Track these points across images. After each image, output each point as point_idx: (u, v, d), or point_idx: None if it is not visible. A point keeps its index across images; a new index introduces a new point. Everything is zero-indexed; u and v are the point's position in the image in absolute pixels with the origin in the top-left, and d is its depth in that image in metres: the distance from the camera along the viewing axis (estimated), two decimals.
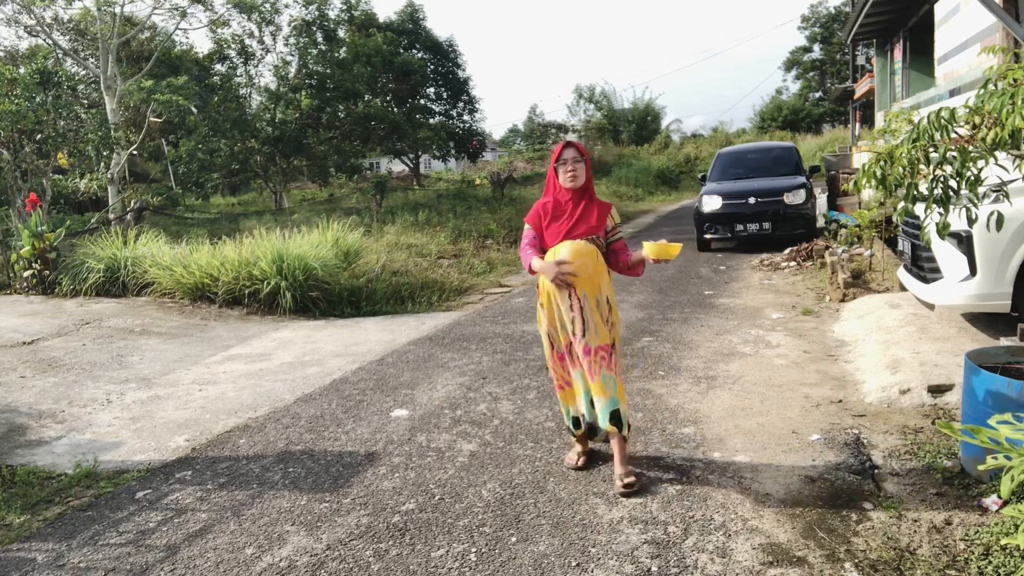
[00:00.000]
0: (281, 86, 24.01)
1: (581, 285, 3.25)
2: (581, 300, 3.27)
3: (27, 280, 8.91)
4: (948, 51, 9.59)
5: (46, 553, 3.06)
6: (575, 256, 3.23)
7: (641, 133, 39.69)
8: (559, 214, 3.38)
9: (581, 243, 3.28)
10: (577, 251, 3.24)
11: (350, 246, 9.31)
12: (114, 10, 15.69)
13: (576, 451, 3.58)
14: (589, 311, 3.27)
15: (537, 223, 3.42)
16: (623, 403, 3.33)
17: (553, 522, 3.02)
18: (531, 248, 3.39)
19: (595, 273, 3.27)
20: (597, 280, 3.29)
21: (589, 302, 3.27)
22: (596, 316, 3.28)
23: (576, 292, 3.26)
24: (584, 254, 3.26)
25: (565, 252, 3.24)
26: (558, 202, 3.40)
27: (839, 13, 41.56)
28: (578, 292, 3.26)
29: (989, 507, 2.84)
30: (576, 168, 3.35)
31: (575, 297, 3.26)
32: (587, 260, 3.25)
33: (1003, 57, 2.92)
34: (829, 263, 8.05)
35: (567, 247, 3.26)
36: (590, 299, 3.27)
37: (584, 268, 3.24)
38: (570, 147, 3.40)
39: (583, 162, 3.38)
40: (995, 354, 3.26)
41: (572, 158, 3.36)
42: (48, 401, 5.04)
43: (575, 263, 3.22)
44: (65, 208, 15.40)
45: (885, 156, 2.79)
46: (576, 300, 3.27)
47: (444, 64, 33.35)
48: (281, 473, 3.74)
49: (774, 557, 2.65)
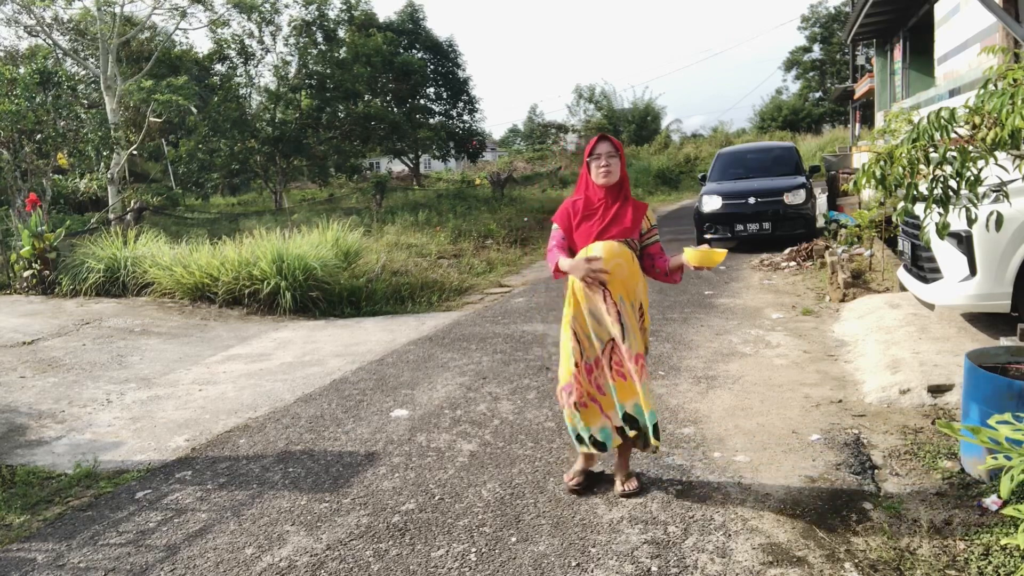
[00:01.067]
0: (281, 86, 24.01)
1: (616, 287, 3.03)
2: (617, 303, 3.03)
3: (27, 280, 8.91)
4: (948, 51, 9.59)
5: (46, 553, 3.06)
6: (609, 255, 3.01)
7: (641, 133, 39.72)
8: (590, 213, 3.13)
9: (615, 244, 3.05)
10: (611, 251, 3.02)
11: (350, 246, 9.32)
12: (114, 10, 15.69)
13: (576, 469, 3.32)
14: (626, 315, 3.04)
15: (566, 222, 3.18)
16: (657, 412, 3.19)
17: (553, 522, 3.02)
18: (559, 249, 3.14)
19: (630, 276, 3.06)
20: (632, 284, 3.07)
21: (625, 306, 3.04)
22: (632, 321, 3.05)
23: (612, 294, 3.03)
24: (618, 255, 3.03)
25: (597, 250, 3.03)
26: (590, 200, 3.16)
27: (839, 13, 41.57)
28: (613, 295, 3.03)
29: (989, 507, 2.84)
30: (610, 163, 3.10)
31: (611, 299, 3.03)
32: (622, 261, 3.03)
33: (1003, 57, 2.92)
34: (829, 263, 8.05)
35: (599, 246, 3.04)
36: (625, 302, 3.04)
37: (619, 269, 3.02)
38: (604, 140, 3.15)
39: (618, 157, 3.13)
40: (995, 354, 3.26)
41: (606, 152, 3.11)
42: (48, 401, 5.04)
43: (609, 262, 3.00)
44: (65, 208, 15.41)
45: (885, 156, 2.79)
46: (612, 304, 3.03)
47: (444, 64, 33.35)
48: (281, 473, 3.74)
49: (774, 557, 2.65)
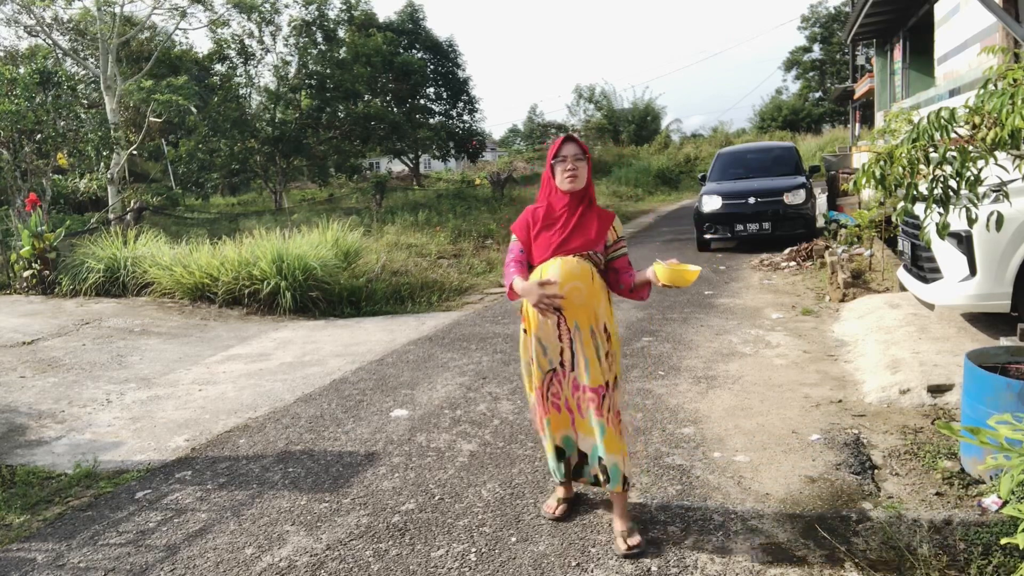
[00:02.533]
0: (281, 86, 24.01)
1: (572, 313, 2.74)
2: (572, 331, 2.75)
3: (27, 280, 8.91)
4: (948, 51, 9.59)
5: (46, 553, 3.06)
6: (566, 277, 2.71)
7: (641, 133, 39.70)
8: (551, 223, 2.84)
9: (574, 261, 2.74)
10: (569, 271, 2.72)
11: (350, 246, 9.31)
12: (114, 10, 15.68)
13: (557, 496, 3.08)
14: (581, 345, 2.75)
15: (525, 233, 2.88)
16: (618, 455, 2.80)
17: (553, 522, 3.02)
18: (515, 264, 2.83)
19: (590, 298, 2.75)
20: (592, 306, 2.76)
21: (582, 334, 2.75)
22: (590, 350, 2.75)
23: (566, 321, 2.74)
24: (577, 275, 2.73)
25: (553, 271, 2.72)
26: (552, 208, 2.86)
27: (839, 13, 41.57)
28: (568, 322, 2.74)
29: (989, 507, 2.84)
30: (577, 167, 2.82)
31: (564, 327, 2.75)
32: (580, 283, 2.73)
33: (1003, 57, 2.92)
34: (829, 263, 8.05)
35: (556, 265, 2.73)
36: (583, 330, 2.75)
37: (576, 293, 2.72)
38: (571, 142, 2.87)
39: (585, 160, 2.86)
40: (995, 354, 3.26)
41: (573, 155, 2.82)
42: (48, 401, 5.04)
43: (565, 285, 2.70)
44: (65, 208, 15.41)
45: (885, 156, 2.79)
46: (566, 330, 2.76)
47: (444, 64, 33.35)
48: (281, 473, 3.74)
49: (774, 557, 2.65)
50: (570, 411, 2.87)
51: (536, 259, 2.83)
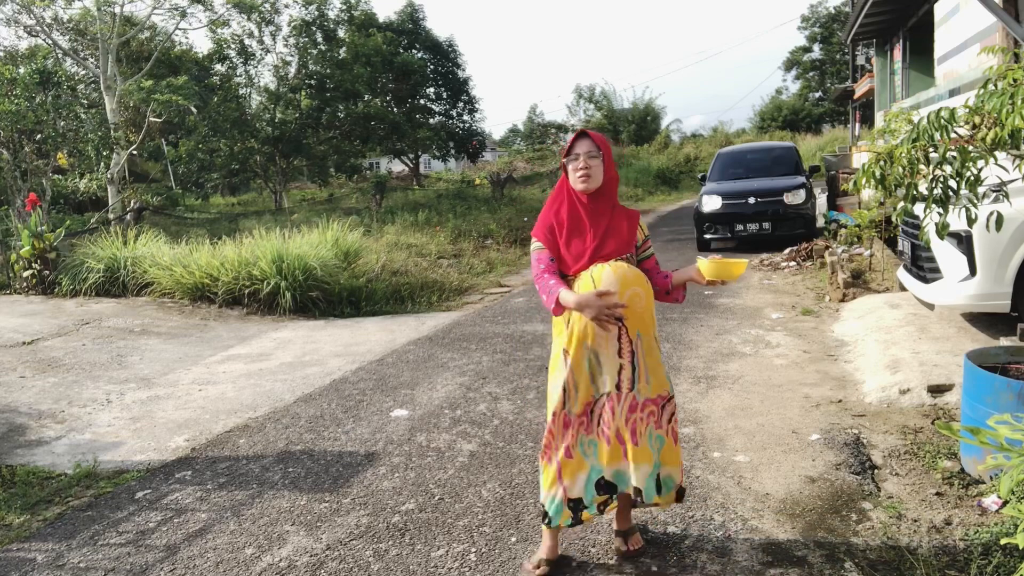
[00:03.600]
0: (281, 86, 24.01)
1: (634, 322, 2.51)
2: (634, 342, 2.53)
3: (27, 280, 8.91)
4: (948, 51, 9.59)
5: (46, 553, 3.06)
6: (623, 283, 2.46)
7: (641, 133, 39.70)
8: (578, 227, 2.60)
9: (624, 266, 2.52)
10: (624, 277, 2.47)
11: (350, 246, 9.31)
12: (114, 10, 15.67)
13: (540, 557, 2.67)
14: (644, 354, 2.56)
15: (552, 240, 2.61)
16: (677, 467, 2.64)
17: None
18: (552, 276, 2.55)
19: (649, 303, 2.55)
20: (651, 311, 2.57)
21: (644, 342, 2.55)
22: (652, 359, 2.58)
23: (628, 332, 2.52)
24: (633, 280, 2.49)
25: (609, 279, 2.46)
26: (575, 211, 2.62)
27: (839, 13, 41.58)
28: (630, 332, 2.52)
29: (989, 507, 2.84)
30: (591, 165, 2.57)
31: (625, 339, 2.52)
32: (638, 288, 2.50)
33: (1003, 57, 2.92)
34: (829, 263, 8.05)
35: (608, 272, 2.48)
36: (645, 338, 2.55)
37: (637, 299, 2.49)
38: (584, 138, 2.63)
39: (600, 157, 2.60)
40: (995, 354, 3.26)
41: (586, 152, 2.58)
42: (48, 401, 5.04)
43: (624, 292, 2.45)
44: (65, 208, 15.42)
45: (885, 156, 2.79)
46: (628, 342, 2.53)
47: (444, 64, 33.35)
48: (281, 473, 3.74)
49: (774, 557, 2.65)
50: (621, 441, 2.57)
51: (571, 267, 2.57)
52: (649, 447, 2.57)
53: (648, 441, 2.57)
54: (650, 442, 2.57)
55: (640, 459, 2.55)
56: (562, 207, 2.65)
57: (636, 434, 2.55)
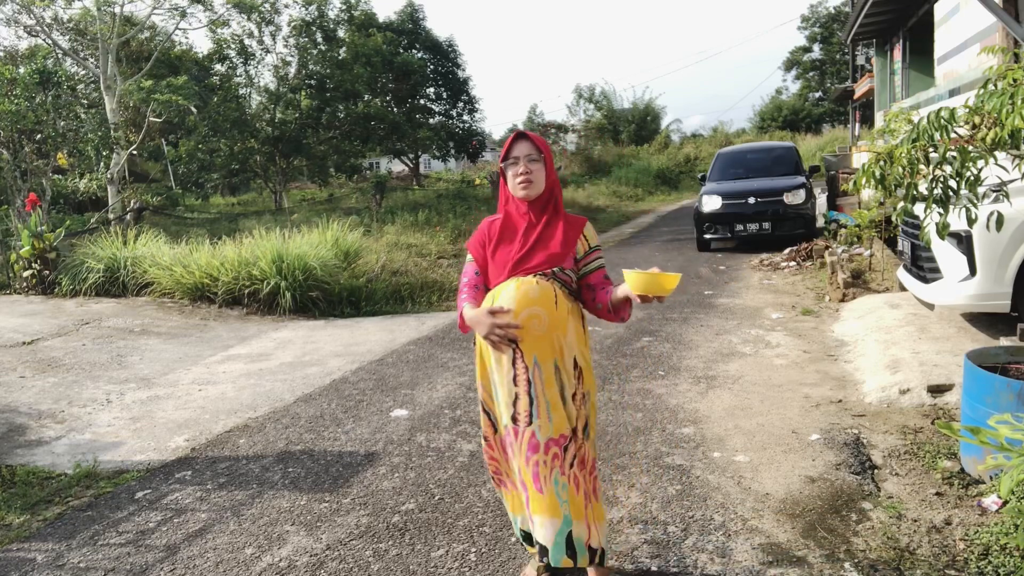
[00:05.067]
0: (281, 86, 24.00)
1: (530, 346, 2.23)
2: (530, 368, 2.23)
3: (27, 280, 8.91)
4: (948, 51, 9.59)
5: (46, 553, 3.06)
6: (522, 302, 2.21)
7: (641, 133, 39.69)
8: (509, 236, 2.36)
9: (532, 282, 2.25)
10: (525, 295, 2.22)
11: (350, 246, 9.31)
12: (114, 10, 15.67)
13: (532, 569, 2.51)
14: (542, 385, 2.23)
15: (481, 251, 2.41)
16: (583, 522, 2.29)
17: None
18: (468, 289, 2.37)
19: (553, 326, 2.24)
20: (556, 337, 2.25)
21: (543, 371, 2.23)
22: (552, 391, 2.24)
23: (523, 357, 2.23)
24: (535, 299, 2.22)
25: (508, 296, 2.23)
26: (510, 219, 2.39)
27: (839, 13, 41.58)
28: (526, 357, 2.23)
29: (989, 507, 2.84)
30: (532, 170, 2.31)
31: (521, 364, 2.23)
32: (539, 309, 2.22)
33: (1003, 57, 2.92)
34: (829, 263, 8.05)
35: (511, 288, 2.24)
36: (544, 366, 2.23)
37: (535, 321, 2.21)
38: (523, 140, 2.36)
39: (542, 160, 2.34)
40: (995, 354, 3.26)
41: (525, 155, 2.32)
42: (48, 401, 5.04)
43: (521, 312, 2.20)
44: (65, 208, 15.41)
45: (885, 156, 2.79)
46: (523, 368, 2.23)
47: (444, 64, 33.32)
48: (281, 473, 3.74)
49: (774, 557, 2.65)
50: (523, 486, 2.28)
51: (492, 280, 2.35)
52: (556, 496, 2.23)
53: (554, 489, 2.24)
54: (556, 490, 2.24)
55: (542, 510, 2.23)
56: (499, 216, 2.43)
57: (539, 478, 2.23)
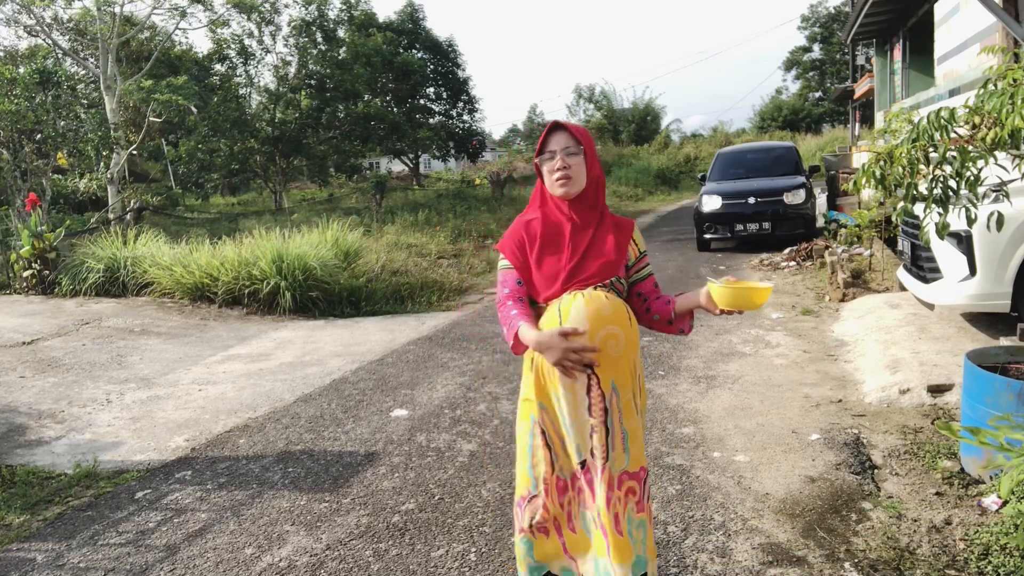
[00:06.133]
0: (281, 86, 24.02)
1: (608, 371, 1.93)
2: (607, 397, 1.94)
3: (27, 280, 8.91)
4: (948, 51, 9.59)
5: (46, 553, 3.06)
6: (596, 320, 1.90)
7: (641, 133, 39.70)
8: (554, 241, 2.05)
9: (601, 296, 1.94)
10: (599, 313, 1.91)
11: (350, 246, 9.32)
12: (114, 10, 15.67)
13: None
14: (619, 413, 1.95)
15: (521, 258, 2.06)
16: (653, 561, 2.06)
17: None
18: (516, 304, 2.01)
19: (628, 347, 1.96)
20: (631, 358, 1.99)
21: (621, 398, 1.95)
22: (632, 421, 1.98)
23: (600, 383, 1.93)
24: (611, 317, 1.92)
25: (579, 314, 1.90)
26: (550, 222, 2.08)
27: (839, 13, 41.57)
28: (603, 383, 1.93)
29: (989, 507, 2.84)
30: (571, 164, 2.02)
31: (596, 391, 1.93)
32: (616, 328, 1.92)
33: (1003, 57, 2.92)
34: (829, 263, 8.05)
35: (580, 304, 1.91)
36: (623, 391, 1.96)
37: (613, 342, 1.92)
38: (560, 131, 2.07)
39: (581, 154, 2.04)
40: (995, 354, 3.26)
41: (563, 148, 2.03)
42: (48, 401, 5.04)
43: (597, 333, 1.90)
44: (65, 208, 15.40)
45: (885, 156, 2.79)
46: (599, 396, 1.93)
47: (444, 64, 33.32)
48: (281, 473, 3.74)
49: (774, 557, 2.65)
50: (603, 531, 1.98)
51: (541, 292, 2.02)
52: (630, 538, 1.98)
53: (629, 529, 1.99)
54: (631, 530, 1.99)
55: (624, 556, 1.95)
56: (536, 215, 2.11)
57: (619, 520, 1.96)
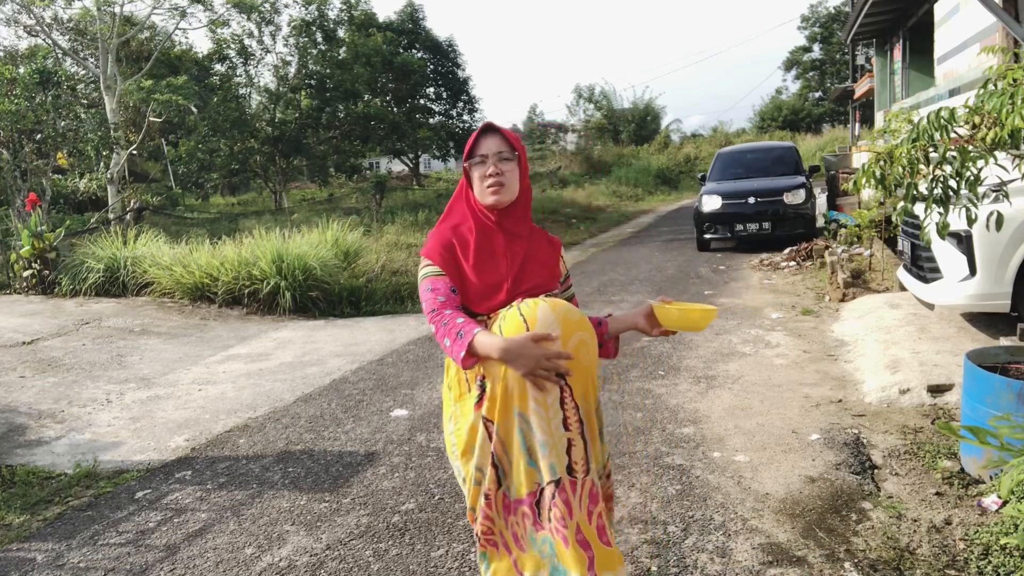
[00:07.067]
0: (281, 86, 24.03)
1: (580, 380, 1.78)
2: (580, 407, 1.78)
3: (27, 280, 8.91)
4: (948, 51, 9.59)
5: (46, 553, 3.06)
6: (568, 326, 1.75)
7: (641, 133, 39.74)
8: (488, 250, 1.92)
9: (563, 304, 1.80)
10: (567, 317, 1.76)
11: (350, 246, 9.32)
12: (114, 10, 15.67)
13: None
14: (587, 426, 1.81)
15: (452, 263, 1.90)
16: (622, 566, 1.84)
17: None
18: (455, 311, 1.84)
19: (594, 357, 1.82)
20: (595, 370, 1.85)
21: (587, 407, 1.82)
22: (592, 430, 1.83)
23: (573, 393, 1.77)
24: (580, 323, 1.78)
25: (548, 318, 1.73)
26: (482, 229, 1.94)
27: (839, 13, 41.58)
28: (575, 394, 1.78)
29: (989, 507, 2.84)
30: (504, 170, 1.91)
31: (571, 402, 1.77)
32: (586, 335, 1.79)
33: (1003, 57, 2.92)
34: (829, 263, 8.05)
35: (546, 309, 1.75)
36: (589, 400, 1.82)
37: (584, 350, 1.78)
38: (493, 134, 1.95)
39: (515, 160, 1.94)
40: (995, 354, 3.25)
41: (495, 153, 1.91)
42: (48, 401, 5.04)
43: (569, 339, 1.74)
44: (65, 208, 15.40)
45: (885, 156, 2.79)
46: (574, 408, 1.77)
47: (444, 64, 33.32)
48: (281, 473, 3.74)
49: (774, 557, 2.65)
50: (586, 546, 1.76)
51: (480, 303, 1.89)
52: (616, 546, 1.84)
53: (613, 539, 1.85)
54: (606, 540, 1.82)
55: (613, 565, 1.78)
56: (465, 222, 1.96)
57: (605, 531, 1.80)
